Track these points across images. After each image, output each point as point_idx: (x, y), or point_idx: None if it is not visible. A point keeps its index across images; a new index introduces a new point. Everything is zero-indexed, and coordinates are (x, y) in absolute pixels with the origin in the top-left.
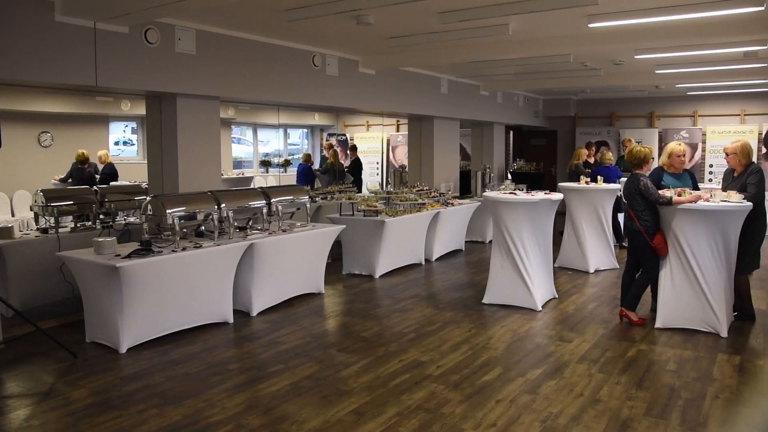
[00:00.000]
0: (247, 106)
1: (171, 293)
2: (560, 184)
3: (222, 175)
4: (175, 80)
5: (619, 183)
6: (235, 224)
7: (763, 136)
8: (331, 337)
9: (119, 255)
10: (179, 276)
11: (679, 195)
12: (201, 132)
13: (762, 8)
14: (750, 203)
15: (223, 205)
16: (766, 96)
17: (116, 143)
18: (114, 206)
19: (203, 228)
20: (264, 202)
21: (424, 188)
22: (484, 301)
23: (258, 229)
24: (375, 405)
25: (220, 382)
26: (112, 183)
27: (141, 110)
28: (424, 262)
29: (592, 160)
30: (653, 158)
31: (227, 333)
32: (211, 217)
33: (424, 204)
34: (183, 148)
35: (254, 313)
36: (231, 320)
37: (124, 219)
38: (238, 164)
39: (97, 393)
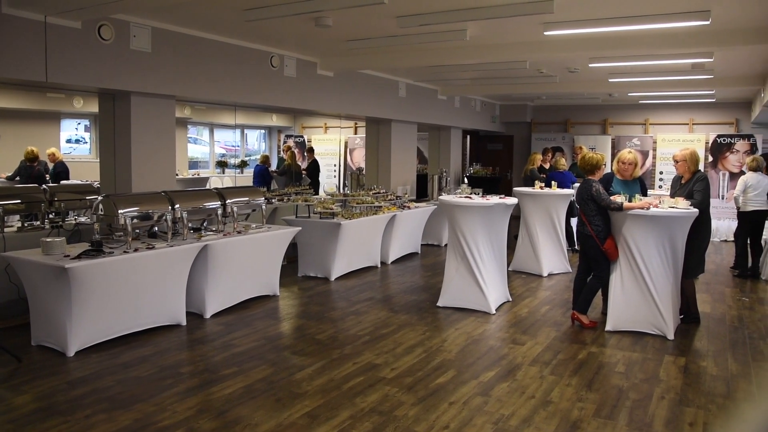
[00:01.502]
0: (204, 105)
1: (122, 295)
2: (515, 188)
3: (177, 175)
4: (130, 78)
5: (573, 188)
6: (189, 225)
7: (709, 145)
8: (285, 340)
9: (68, 256)
10: (131, 277)
11: (630, 201)
12: (156, 131)
13: (707, 22)
14: (696, 209)
15: (177, 205)
16: (713, 106)
17: (68, 141)
18: (64, 205)
19: (156, 229)
20: (219, 203)
21: (381, 191)
22: (439, 304)
23: (213, 231)
24: (328, 408)
25: (171, 386)
26: (63, 182)
27: (94, 108)
28: (380, 265)
29: (547, 166)
30: (605, 164)
31: (180, 335)
32: (164, 217)
33: (381, 207)
34: (137, 147)
35: (208, 316)
36: (184, 322)
37: (75, 219)
38: (194, 164)
39: (41, 398)
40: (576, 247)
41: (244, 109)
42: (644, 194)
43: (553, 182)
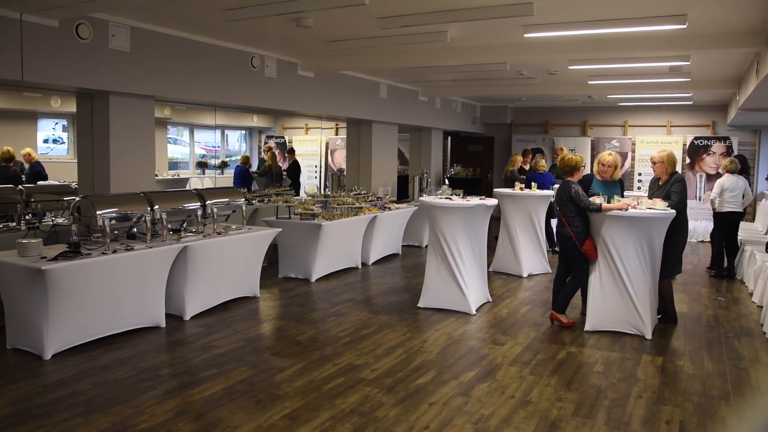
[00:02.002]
0: (184, 106)
1: (100, 297)
2: (495, 189)
3: (156, 176)
4: (108, 78)
5: (553, 189)
6: (169, 226)
7: (687, 146)
8: (265, 341)
9: (45, 257)
10: (109, 279)
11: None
12: (134, 131)
13: (684, 26)
14: (673, 210)
15: (156, 206)
16: (690, 109)
17: (45, 141)
18: (41, 206)
19: (135, 230)
20: (199, 204)
21: (362, 192)
22: (420, 304)
23: (192, 232)
24: (309, 409)
25: (150, 388)
26: (40, 182)
27: (72, 107)
28: (360, 266)
29: (527, 167)
30: (584, 166)
31: (159, 337)
32: (143, 218)
33: (362, 208)
34: (115, 147)
35: (187, 317)
36: (163, 324)
37: (52, 220)
38: (174, 165)
39: (17, 402)
40: (556, 247)
41: (225, 109)
42: (622, 195)
43: (533, 183)
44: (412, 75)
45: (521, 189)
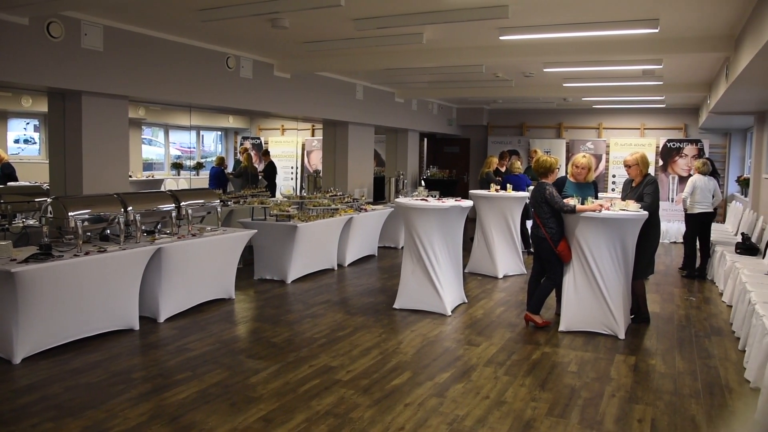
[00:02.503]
0: (159, 106)
1: (72, 300)
2: (471, 191)
3: (130, 177)
4: (81, 77)
5: (528, 191)
6: (143, 228)
7: (660, 149)
8: (240, 343)
9: (15, 260)
10: (81, 282)
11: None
12: (108, 132)
13: (656, 30)
14: (646, 212)
15: (129, 208)
16: (663, 112)
17: (16, 141)
18: (11, 208)
19: (108, 232)
20: (173, 205)
21: (338, 193)
22: (395, 306)
23: (167, 233)
24: (284, 411)
25: (123, 392)
26: (10, 183)
27: (43, 107)
28: (336, 268)
29: (503, 169)
30: (558, 168)
31: (132, 340)
32: (116, 220)
33: (338, 209)
34: (88, 148)
35: (162, 320)
36: (137, 327)
37: (23, 221)
38: (148, 166)
39: None
40: (531, 249)
41: (200, 110)
42: (595, 197)
43: (508, 185)
44: (388, 76)
45: (497, 190)
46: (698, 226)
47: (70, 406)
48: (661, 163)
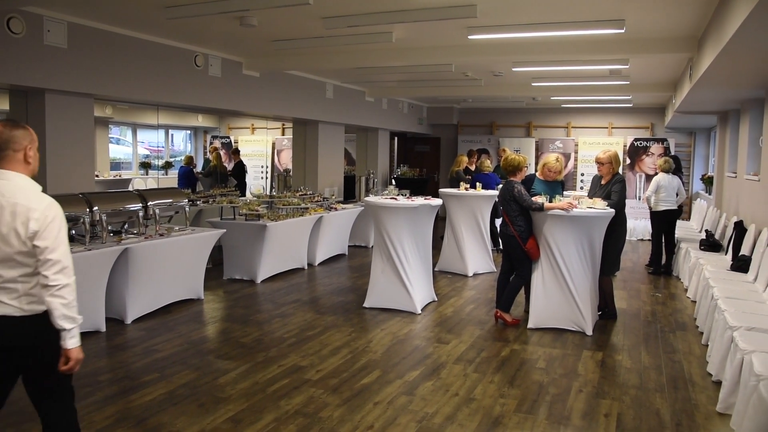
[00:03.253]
0: (126, 105)
1: None
2: (441, 190)
3: (97, 176)
4: (44, 75)
5: (497, 189)
6: (109, 228)
7: (627, 147)
8: (209, 344)
9: None
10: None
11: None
12: (72, 131)
13: (622, 31)
14: (612, 210)
15: (95, 208)
16: (630, 111)
17: None
18: None
19: (74, 232)
20: (140, 205)
21: (308, 192)
22: (365, 305)
23: (133, 233)
24: (253, 411)
25: (88, 395)
26: None
27: (4, 105)
28: (306, 267)
29: (473, 167)
30: (527, 166)
31: (98, 342)
32: (81, 220)
33: (307, 208)
34: (52, 147)
35: (129, 321)
36: (103, 329)
37: None
38: (116, 165)
39: None
40: (500, 247)
41: (169, 109)
42: (562, 195)
43: (478, 184)
44: (358, 75)
45: (466, 189)
46: (663, 223)
47: (31, 411)
48: (628, 161)
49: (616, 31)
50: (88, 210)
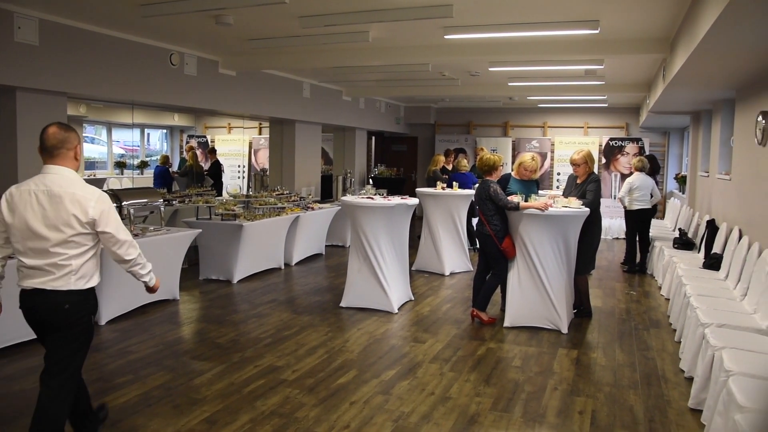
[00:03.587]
0: (101, 103)
1: (5, 303)
2: (417, 189)
3: None
4: (15, 72)
5: (474, 189)
6: None
7: (602, 147)
8: (185, 345)
9: None
10: (13, 284)
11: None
12: None
13: (597, 31)
14: (587, 209)
15: None
16: (606, 111)
17: None
18: None
19: None
20: (114, 204)
21: (285, 192)
22: (342, 304)
23: None
24: (228, 412)
25: None
26: None
27: None
28: (283, 267)
29: (450, 167)
30: (502, 165)
31: None
32: None
33: (284, 208)
34: (23, 146)
35: (103, 322)
36: None
37: None
38: (90, 165)
39: None
40: (477, 246)
41: (145, 108)
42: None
43: (454, 183)
44: (335, 75)
45: (443, 188)
46: (637, 222)
47: (3, 414)
48: (604, 161)
49: (590, 32)
50: None
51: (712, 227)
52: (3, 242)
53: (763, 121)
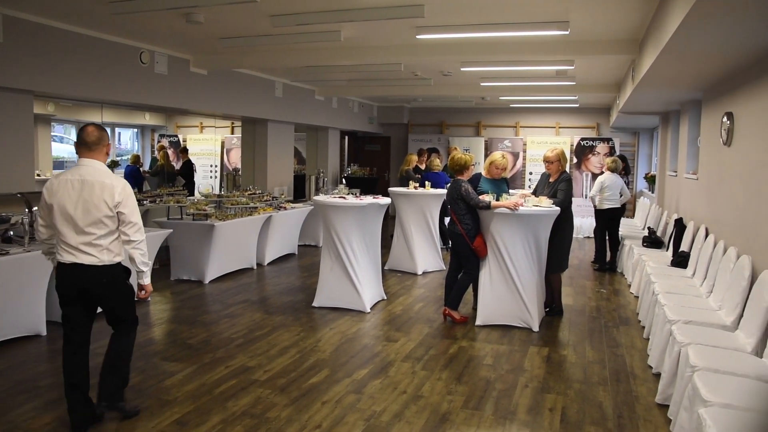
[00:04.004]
0: (69, 102)
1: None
2: (390, 189)
3: (38, 175)
4: None
5: (447, 188)
6: None
7: (574, 147)
8: (155, 346)
9: None
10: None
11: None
12: (10, 129)
13: (567, 32)
14: (558, 208)
15: (35, 208)
16: (577, 111)
17: None
18: None
19: (12, 233)
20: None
21: (257, 192)
22: (314, 304)
23: None
24: (199, 413)
25: (27, 401)
26: None
27: None
28: (255, 267)
29: (423, 166)
30: (473, 165)
31: (39, 346)
32: (21, 221)
33: (256, 208)
34: None
35: None
36: (44, 332)
37: None
38: (59, 164)
39: None
40: (449, 245)
41: (114, 106)
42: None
43: (427, 182)
44: (307, 74)
45: (416, 188)
46: (607, 221)
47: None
48: (575, 160)
49: (561, 33)
50: (27, 210)
51: (680, 226)
52: (49, 223)
53: (728, 122)
